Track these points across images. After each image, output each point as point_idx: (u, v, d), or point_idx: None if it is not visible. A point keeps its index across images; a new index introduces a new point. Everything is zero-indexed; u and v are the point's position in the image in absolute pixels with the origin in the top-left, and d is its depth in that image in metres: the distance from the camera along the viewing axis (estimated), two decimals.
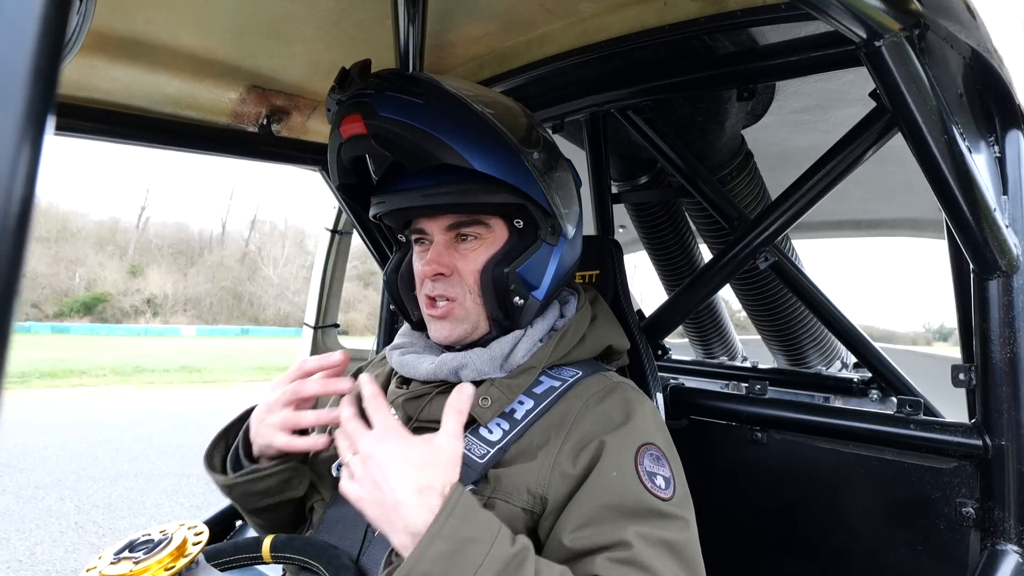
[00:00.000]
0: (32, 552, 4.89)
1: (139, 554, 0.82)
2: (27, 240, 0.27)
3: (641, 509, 0.91)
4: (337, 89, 1.04)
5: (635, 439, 0.99)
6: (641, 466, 0.96)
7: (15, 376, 14.58)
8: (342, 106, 1.02)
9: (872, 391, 2.16)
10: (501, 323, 1.10)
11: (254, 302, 54.48)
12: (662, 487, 0.95)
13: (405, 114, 0.95)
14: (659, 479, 0.96)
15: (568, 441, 1.00)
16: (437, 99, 0.97)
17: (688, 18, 1.33)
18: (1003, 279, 1.11)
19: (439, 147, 0.95)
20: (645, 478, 0.94)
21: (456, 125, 0.97)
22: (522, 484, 0.97)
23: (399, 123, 0.95)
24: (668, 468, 1.00)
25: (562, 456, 0.98)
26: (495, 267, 1.06)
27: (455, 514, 0.79)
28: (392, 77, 0.98)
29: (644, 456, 0.98)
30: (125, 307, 46.25)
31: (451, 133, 0.95)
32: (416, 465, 0.83)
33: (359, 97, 0.98)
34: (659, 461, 0.99)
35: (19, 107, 0.26)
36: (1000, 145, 1.12)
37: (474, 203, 1.05)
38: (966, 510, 1.19)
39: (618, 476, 0.94)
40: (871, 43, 0.87)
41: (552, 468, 0.97)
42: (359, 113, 0.97)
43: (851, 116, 1.46)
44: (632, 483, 0.93)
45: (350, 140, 1.02)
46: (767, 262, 1.57)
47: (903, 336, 59.26)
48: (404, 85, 0.97)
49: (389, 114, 0.95)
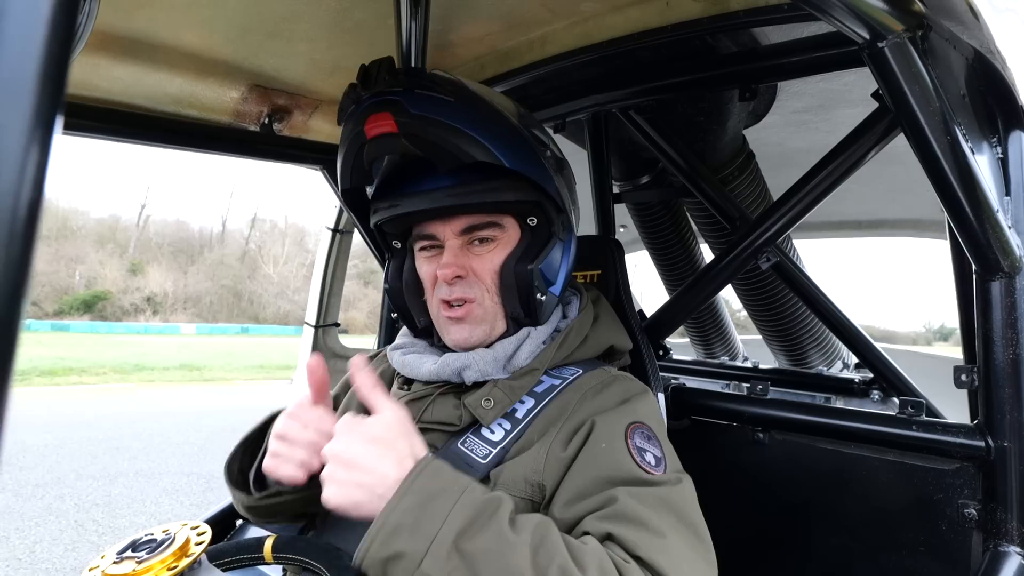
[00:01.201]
0: (32, 550, 4.89)
1: (142, 554, 0.81)
2: (35, 241, 0.27)
3: (630, 478, 0.91)
4: (360, 86, 1.01)
5: (626, 417, 1.00)
6: (631, 440, 0.96)
7: (15, 374, 14.54)
8: (363, 105, 0.99)
9: (873, 392, 2.16)
10: (520, 321, 1.10)
11: (254, 300, 54.49)
12: (652, 463, 0.95)
13: (439, 112, 0.94)
14: (648, 455, 0.96)
15: (563, 430, 1.01)
16: (465, 98, 0.97)
17: (690, 18, 1.33)
18: (1006, 280, 1.11)
19: (473, 145, 0.95)
20: (635, 452, 0.95)
21: (485, 123, 0.97)
22: (520, 475, 0.97)
23: (434, 121, 0.94)
24: (659, 448, 1.00)
25: (556, 443, 0.99)
26: (516, 265, 1.07)
27: (424, 472, 0.81)
28: (419, 74, 0.97)
29: (634, 433, 0.98)
30: (125, 305, 46.26)
31: (482, 131, 0.95)
32: (384, 442, 0.84)
33: (386, 95, 0.96)
34: (650, 440, 0.99)
35: (28, 108, 0.26)
36: (1003, 146, 1.12)
37: (499, 201, 1.04)
38: (968, 511, 1.19)
39: (607, 448, 0.95)
40: (874, 44, 0.87)
41: (547, 455, 0.98)
42: (389, 111, 0.95)
43: (853, 116, 1.46)
44: (622, 455, 0.94)
45: (377, 139, 0.99)
46: (769, 262, 1.57)
47: (903, 336, 59.32)
48: (432, 83, 0.96)
49: (423, 112, 0.94)
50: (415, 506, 0.77)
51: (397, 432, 0.85)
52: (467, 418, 1.05)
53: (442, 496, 0.78)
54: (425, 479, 0.80)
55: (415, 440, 0.87)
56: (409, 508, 0.77)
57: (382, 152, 1.04)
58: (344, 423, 0.87)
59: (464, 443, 1.05)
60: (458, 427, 1.06)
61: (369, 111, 0.98)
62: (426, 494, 0.78)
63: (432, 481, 0.80)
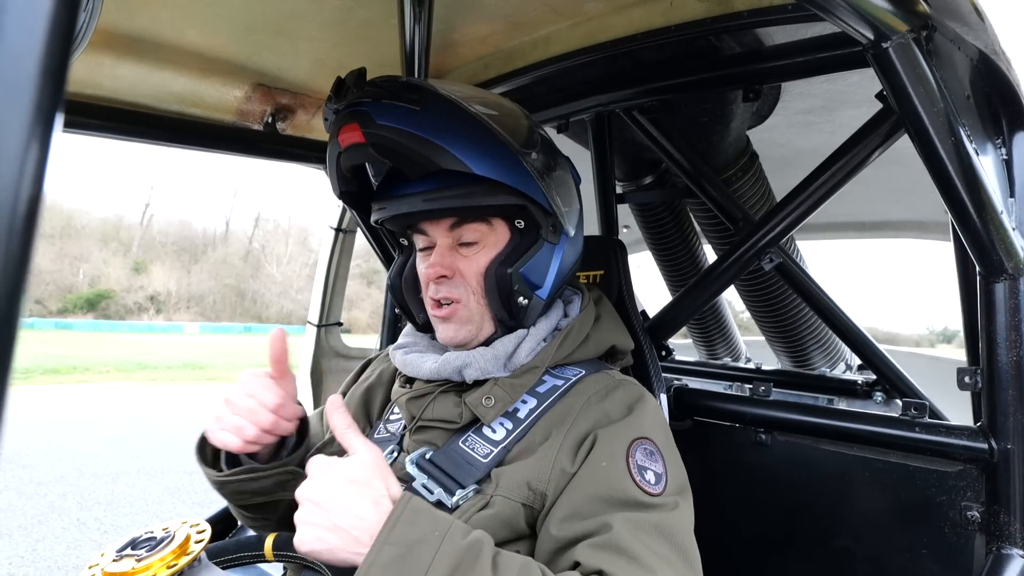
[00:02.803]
0: (34, 548, 4.91)
1: (141, 551, 0.82)
2: (34, 238, 0.27)
3: (628, 500, 0.91)
4: (333, 98, 1.04)
5: (630, 433, 1.00)
6: (632, 459, 0.96)
7: (18, 372, 14.61)
8: (339, 115, 1.02)
9: (876, 393, 2.16)
10: (506, 323, 1.10)
11: (257, 300, 54.61)
12: (651, 482, 0.95)
13: (402, 121, 0.95)
14: (649, 474, 0.96)
15: (569, 438, 1.00)
16: (433, 105, 0.97)
17: (694, 18, 1.33)
18: (1010, 282, 1.10)
19: (437, 152, 0.95)
20: (635, 471, 0.94)
21: (453, 130, 0.97)
22: (522, 479, 0.97)
23: (397, 130, 0.95)
24: (661, 464, 0.99)
25: (562, 453, 0.98)
26: (498, 268, 1.06)
27: (402, 519, 0.78)
28: (388, 84, 0.98)
29: (636, 450, 0.98)
30: (129, 304, 46.41)
31: (448, 138, 0.95)
32: (359, 482, 0.82)
33: (356, 106, 0.98)
34: (652, 456, 0.99)
35: (28, 105, 0.26)
36: (1007, 147, 1.12)
37: (475, 206, 1.05)
38: (971, 514, 1.18)
39: (607, 467, 0.94)
40: (878, 45, 0.87)
41: (553, 465, 0.97)
42: (356, 122, 0.97)
43: (857, 117, 1.45)
44: (620, 475, 0.94)
45: (349, 149, 1.02)
46: (772, 263, 1.57)
47: (906, 338, 59.07)
48: (400, 92, 0.97)
49: (386, 122, 0.95)
50: (395, 559, 0.75)
51: (373, 473, 0.83)
52: (468, 416, 1.05)
53: (422, 545, 0.76)
54: (404, 527, 0.78)
55: (391, 480, 0.85)
56: (389, 563, 0.75)
57: (356, 161, 1.07)
58: (318, 464, 0.85)
59: (465, 441, 1.05)
60: (459, 425, 1.06)
61: (341, 121, 1.00)
62: (405, 545, 0.76)
63: (411, 529, 0.78)
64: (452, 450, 1.04)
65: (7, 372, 0.27)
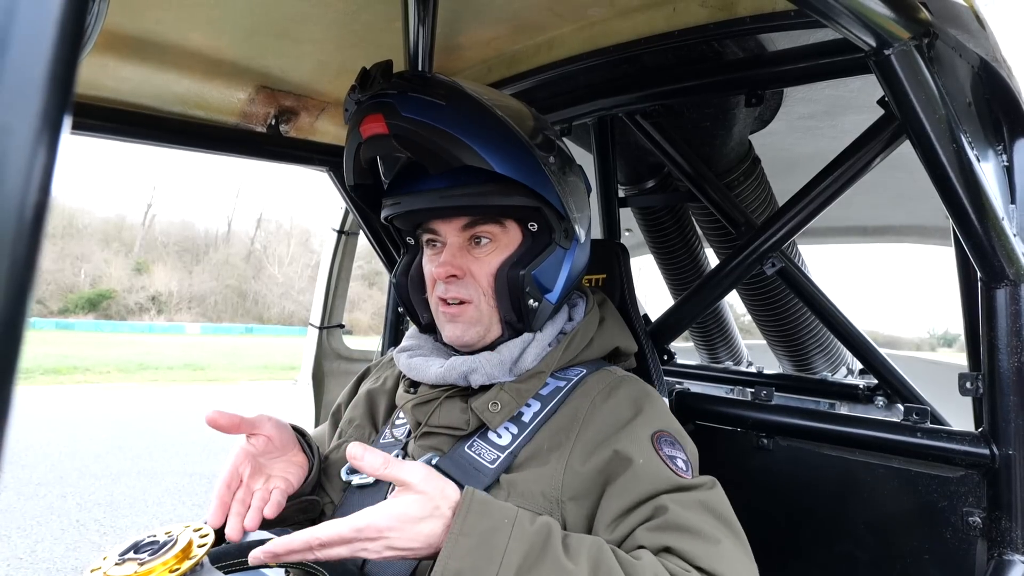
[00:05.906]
0: (33, 550, 4.90)
1: (144, 555, 0.81)
2: (41, 241, 0.27)
3: (672, 485, 0.94)
4: (358, 89, 1.03)
5: (648, 428, 1.02)
6: (660, 450, 0.99)
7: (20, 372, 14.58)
8: (362, 106, 1.01)
9: (878, 398, 2.16)
10: (514, 326, 1.10)
11: (259, 301, 54.64)
12: (683, 469, 0.98)
13: (427, 115, 0.95)
14: (679, 461, 0.99)
15: (579, 442, 1.01)
16: (458, 101, 0.98)
17: (697, 24, 1.33)
18: (1011, 288, 1.10)
19: (460, 148, 0.95)
20: (667, 460, 0.97)
21: (476, 127, 0.97)
22: (536, 489, 0.97)
23: (421, 123, 0.95)
24: (684, 452, 1.02)
25: (573, 458, 0.99)
26: (510, 270, 1.07)
27: (472, 510, 0.80)
28: (414, 78, 0.99)
29: (660, 441, 1.00)
30: (130, 304, 46.46)
31: (472, 135, 0.96)
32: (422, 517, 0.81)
33: (380, 97, 0.98)
34: (674, 446, 1.02)
35: (36, 108, 0.26)
36: (1008, 154, 1.12)
37: (491, 205, 1.05)
38: (973, 519, 1.18)
39: (644, 463, 0.96)
40: (880, 51, 0.87)
41: (565, 471, 0.98)
42: (380, 113, 0.97)
43: (859, 123, 1.45)
44: (659, 466, 0.96)
45: (370, 140, 1.01)
46: (774, 268, 1.57)
47: (907, 342, 59.04)
48: (426, 86, 0.97)
49: (411, 114, 0.95)
50: (472, 548, 0.77)
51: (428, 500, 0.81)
52: (474, 422, 1.05)
53: (494, 534, 0.78)
54: (475, 517, 0.80)
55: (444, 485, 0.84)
56: (467, 551, 0.77)
57: (376, 152, 1.07)
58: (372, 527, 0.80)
59: (471, 447, 1.05)
60: (465, 431, 1.06)
61: (365, 112, 1.00)
62: (479, 534, 0.78)
63: (481, 519, 0.80)
64: (459, 456, 1.04)
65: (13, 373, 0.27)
